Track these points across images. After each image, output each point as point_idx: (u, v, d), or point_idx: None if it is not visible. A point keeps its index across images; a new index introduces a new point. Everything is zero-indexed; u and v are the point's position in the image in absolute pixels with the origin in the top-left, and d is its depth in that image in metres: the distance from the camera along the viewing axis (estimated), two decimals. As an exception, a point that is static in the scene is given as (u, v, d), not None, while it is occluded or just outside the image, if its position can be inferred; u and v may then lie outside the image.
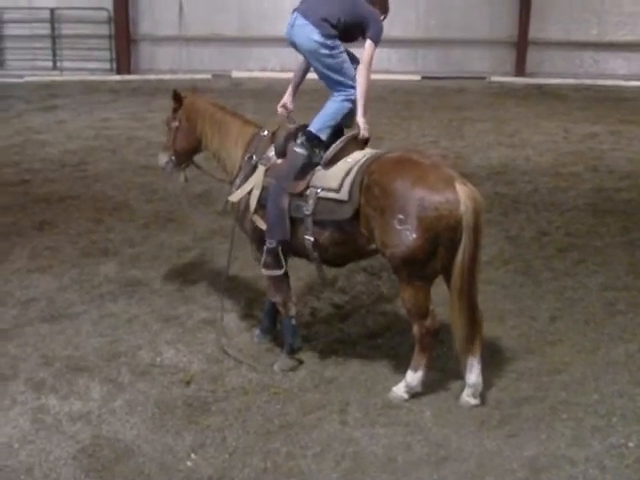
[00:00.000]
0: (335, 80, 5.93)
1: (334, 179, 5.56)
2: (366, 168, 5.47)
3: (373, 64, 5.95)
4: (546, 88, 20.07)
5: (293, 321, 6.05)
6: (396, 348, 6.18)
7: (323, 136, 5.86)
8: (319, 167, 5.73)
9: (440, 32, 21.86)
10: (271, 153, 5.93)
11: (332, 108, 5.94)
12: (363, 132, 5.88)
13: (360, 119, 5.87)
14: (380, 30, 5.92)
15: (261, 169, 5.89)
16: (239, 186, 5.97)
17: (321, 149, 5.80)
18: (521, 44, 21.64)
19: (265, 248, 5.82)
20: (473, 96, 18.82)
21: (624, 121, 15.48)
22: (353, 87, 5.89)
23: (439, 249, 5.18)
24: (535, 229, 9.14)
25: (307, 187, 5.66)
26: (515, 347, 6.28)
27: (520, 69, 21.69)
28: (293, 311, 6.06)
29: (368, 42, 5.90)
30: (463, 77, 21.05)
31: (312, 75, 6.19)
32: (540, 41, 21.64)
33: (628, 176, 11.47)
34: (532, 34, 21.61)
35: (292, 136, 5.95)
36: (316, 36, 5.86)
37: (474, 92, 19.36)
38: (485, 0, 21.77)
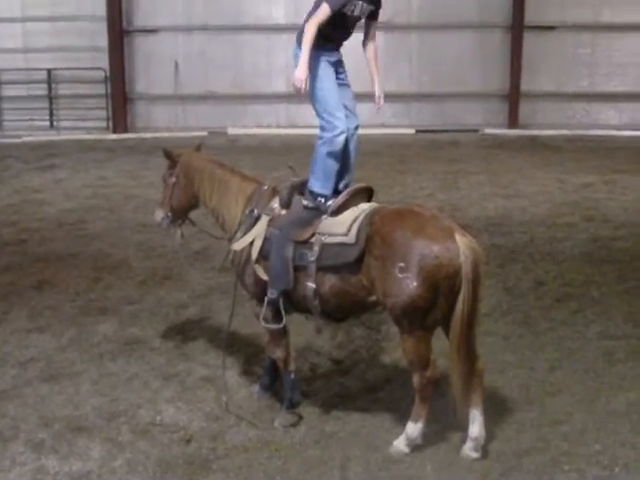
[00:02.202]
0: (315, 109, 5.99)
1: (342, 225, 5.60)
2: (369, 219, 5.52)
3: (368, 119, 5.98)
4: (539, 139, 20.25)
5: (292, 376, 6.04)
6: (396, 401, 6.16)
7: (326, 191, 5.92)
8: (325, 216, 5.77)
9: (433, 86, 22.13)
10: (275, 204, 5.96)
11: (316, 159, 5.97)
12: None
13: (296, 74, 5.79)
14: None
15: (264, 219, 5.91)
16: (241, 238, 5.99)
17: (327, 198, 5.86)
18: (513, 96, 21.89)
19: (266, 300, 5.83)
20: (467, 149, 18.99)
21: (618, 170, 15.60)
22: (330, 123, 5.87)
23: (439, 299, 5.21)
24: (532, 279, 9.16)
25: (313, 235, 5.69)
26: (515, 398, 6.26)
27: (513, 121, 21.91)
28: (292, 366, 6.05)
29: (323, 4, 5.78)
30: (457, 130, 21.27)
31: (306, 130, 6.22)
32: (532, 93, 21.90)
33: (623, 225, 11.54)
34: (524, 86, 21.87)
35: (297, 188, 6.01)
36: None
37: (468, 145, 19.54)
38: (477, 54, 22.06)
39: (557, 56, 21.84)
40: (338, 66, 6.06)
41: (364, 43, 6.29)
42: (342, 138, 5.91)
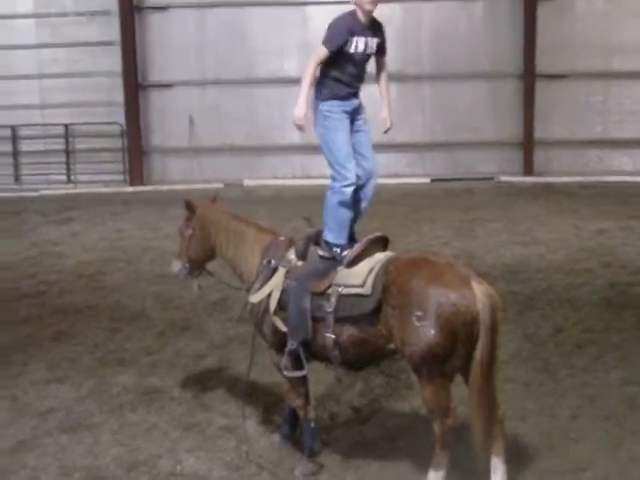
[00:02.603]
0: (327, 159, 6.03)
1: (358, 276, 5.61)
2: (385, 269, 5.53)
3: (382, 169, 6.01)
4: (554, 186, 20.27)
5: (312, 424, 6.03)
6: (417, 450, 6.09)
7: (341, 241, 5.95)
8: (341, 267, 5.79)
9: (447, 135, 22.24)
10: (291, 256, 5.99)
11: (327, 209, 6.00)
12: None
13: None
14: (326, 32, 5.91)
15: (281, 271, 5.94)
16: (258, 289, 6.02)
17: (343, 249, 5.88)
18: (527, 144, 21.95)
19: (286, 350, 5.83)
20: (482, 196, 19.02)
21: (633, 216, 15.57)
22: (340, 174, 5.92)
23: (457, 346, 5.20)
24: (552, 326, 9.12)
25: (329, 286, 5.70)
26: (537, 445, 6.21)
27: (528, 169, 21.94)
28: (312, 414, 6.05)
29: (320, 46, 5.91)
30: (472, 178, 21.32)
31: (321, 181, 6.25)
32: (546, 141, 21.97)
33: (640, 270, 11.51)
34: (537, 134, 21.94)
35: (312, 239, 6.04)
36: (313, 100, 5.99)
37: (483, 192, 19.57)
38: (489, 103, 22.19)
39: (569, 104, 21.93)
40: (356, 113, 6.07)
41: (377, 75, 6.31)
42: (351, 189, 5.94)
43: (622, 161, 22.02)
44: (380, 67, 6.27)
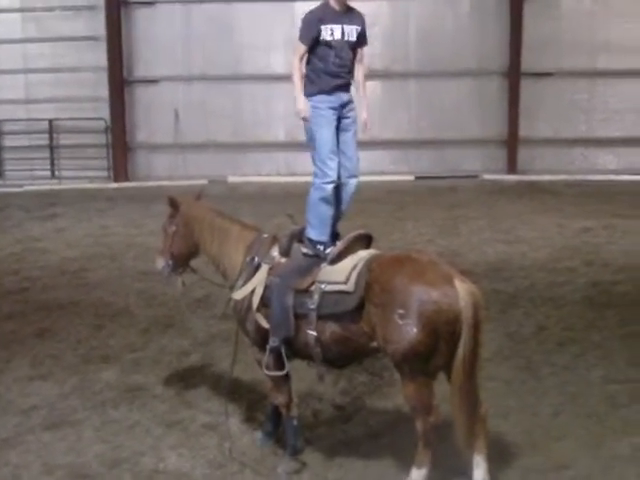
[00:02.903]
0: (311, 155, 6.09)
1: (341, 273, 5.63)
2: (368, 266, 5.54)
3: (367, 166, 6.04)
4: (538, 185, 20.34)
5: (295, 422, 6.05)
6: (400, 447, 6.10)
7: (323, 238, 5.97)
8: (324, 264, 5.80)
9: (432, 133, 22.27)
10: (275, 253, 6.01)
11: (310, 206, 6.06)
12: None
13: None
14: (299, 27, 6.06)
15: (264, 268, 5.95)
16: (241, 286, 6.02)
17: (326, 246, 5.89)
18: (512, 142, 22.01)
19: (268, 347, 5.84)
20: (467, 194, 19.06)
21: (617, 215, 15.64)
22: (322, 171, 5.98)
23: (440, 344, 5.22)
24: (534, 324, 9.16)
25: (312, 283, 5.72)
26: (519, 443, 6.24)
27: (512, 167, 22.01)
28: (295, 412, 6.07)
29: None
30: (456, 176, 21.36)
31: (305, 178, 6.25)
32: (530, 139, 22.03)
33: (623, 269, 11.55)
34: (522, 132, 22.00)
35: (296, 236, 6.06)
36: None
37: (467, 190, 19.61)
38: (474, 101, 22.23)
39: (554, 102, 21.99)
40: (343, 109, 6.09)
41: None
42: (331, 186, 5.99)
43: (606, 160, 22.11)
44: (358, 59, 6.24)
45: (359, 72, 6.27)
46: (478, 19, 22.06)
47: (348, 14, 6.05)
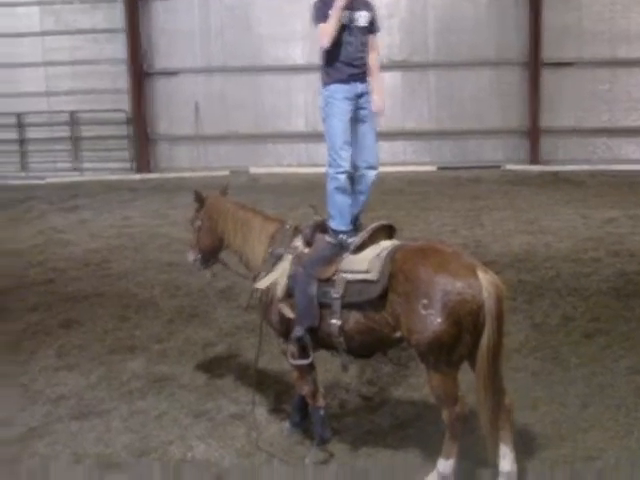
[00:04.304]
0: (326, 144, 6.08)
1: (364, 262, 5.63)
2: (391, 256, 5.54)
3: (389, 157, 6.01)
4: (561, 175, 20.22)
5: (322, 412, 6.05)
6: (427, 438, 6.12)
7: (343, 227, 5.96)
8: (347, 253, 5.80)
9: (453, 123, 22.17)
10: (298, 243, 6.02)
11: (329, 196, 6.07)
12: None
13: None
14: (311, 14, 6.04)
15: (288, 258, 5.97)
16: (265, 277, 6.03)
17: (349, 235, 5.89)
18: (533, 132, 21.88)
19: (293, 336, 5.85)
20: (489, 185, 18.98)
21: (641, 205, 15.55)
22: (335, 161, 5.98)
23: (463, 335, 5.21)
24: (560, 315, 9.11)
25: (336, 272, 5.72)
26: (548, 434, 6.22)
27: (534, 157, 21.89)
28: (322, 402, 6.07)
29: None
30: (478, 167, 21.28)
31: (324, 169, 6.22)
32: (552, 129, 21.90)
33: (649, 259, 11.49)
34: (544, 122, 21.88)
35: (319, 226, 6.06)
36: (321, 88, 6.14)
37: (490, 181, 19.53)
38: (495, 91, 22.12)
39: (576, 92, 21.85)
40: (359, 99, 6.07)
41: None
42: (344, 176, 6.01)
43: (629, 149, 21.94)
44: (370, 46, 6.23)
45: (372, 58, 6.25)
46: (497, 9, 21.94)
47: (357, 1, 6.05)
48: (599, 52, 21.63)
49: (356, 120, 6.08)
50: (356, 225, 6.10)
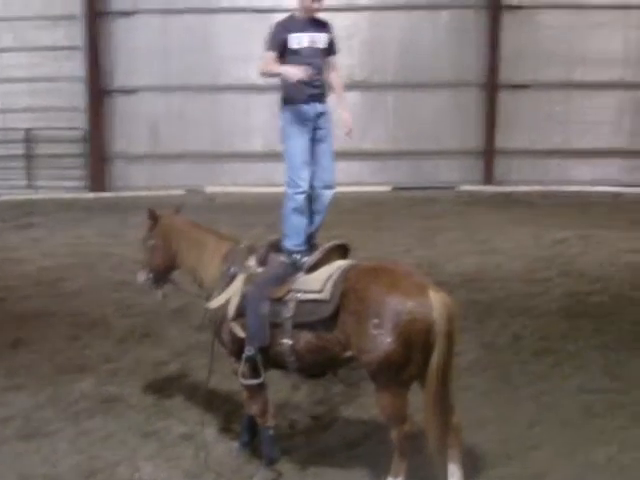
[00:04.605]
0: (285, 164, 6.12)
1: (316, 282, 5.65)
2: (344, 276, 5.56)
3: (344, 177, 6.07)
4: (514, 195, 20.43)
5: (271, 432, 6.04)
6: (376, 457, 6.14)
7: (297, 248, 5.99)
8: (300, 273, 5.82)
9: (409, 144, 22.29)
10: (251, 262, 6.02)
11: (285, 216, 6.11)
12: None
13: None
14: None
15: (240, 277, 5.96)
16: (217, 296, 6.03)
17: (303, 255, 5.91)
18: (488, 153, 22.10)
19: (244, 356, 5.84)
20: (443, 205, 19.11)
21: (592, 226, 15.73)
22: (293, 181, 6.02)
23: (414, 354, 5.24)
24: (510, 334, 9.20)
25: (288, 292, 5.73)
26: (496, 452, 6.28)
27: (488, 178, 22.08)
28: (271, 422, 6.06)
29: None
30: (433, 187, 21.41)
31: (284, 189, 6.24)
32: (507, 150, 22.11)
33: (598, 280, 11.62)
34: (499, 143, 22.09)
35: (274, 246, 6.08)
36: (280, 110, 6.19)
37: (444, 201, 19.66)
38: (452, 112, 22.29)
39: (531, 114, 22.09)
40: (318, 119, 6.12)
41: (326, 75, 6.36)
42: (303, 197, 6.05)
43: (582, 171, 22.19)
44: (330, 66, 6.31)
45: (334, 77, 6.33)
46: (456, 31, 22.15)
47: (314, 23, 6.13)
48: (555, 74, 21.93)
49: (314, 140, 6.12)
50: (311, 244, 6.12)
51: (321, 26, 6.18)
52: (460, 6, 22.12)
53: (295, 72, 5.87)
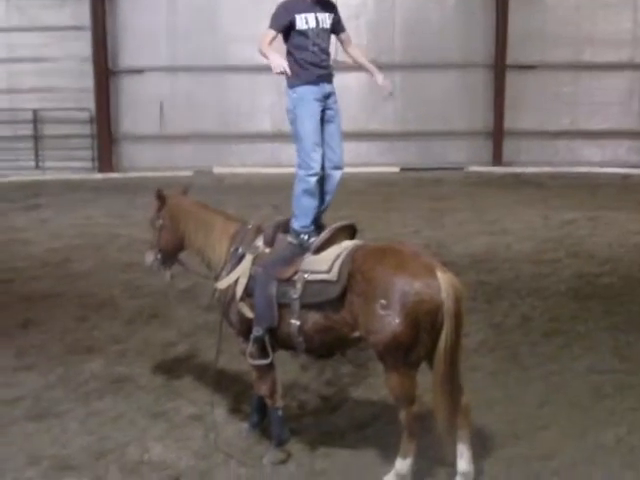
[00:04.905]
0: (296, 146, 6.07)
1: (324, 263, 5.63)
2: (351, 256, 5.55)
3: (353, 158, 6.05)
4: (523, 176, 20.40)
5: (280, 412, 6.04)
6: (385, 438, 6.14)
7: (305, 229, 5.97)
8: (308, 254, 5.80)
9: (418, 125, 22.26)
10: (259, 243, 6.00)
11: (295, 197, 6.06)
12: None
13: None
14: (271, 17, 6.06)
15: (249, 258, 5.94)
16: (225, 276, 6.02)
17: (310, 236, 5.89)
18: (497, 134, 22.07)
19: (252, 336, 5.84)
20: (452, 186, 19.09)
21: (601, 207, 15.72)
22: (305, 162, 5.97)
23: (421, 335, 5.22)
24: (519, 315, 9.19)
25: (296, 272, 5.72)
26: (504, 433, 6.27)
27: (497, 159, 22.06)
28: (280, 402, 6.06)
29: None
30: (442, 168, 21.38)
31: (291, 169, 6.22)
32: (515, 131, 22.09)
33: (607, 261, 11.61)
34: (507, 124, 22.05)
35: (281, 226, 6.06)
36: (287, 89, 6.11)
37: (453, 182, 19.64)
38: (460, 93, 22.25)
39: (539, 95, 22.06)
40: (327, 99, 6.09)
41: (346, 52, 6.43)
42: (315, 178, 5.99)
43: (591, 152, 22.18)
44: (346, 43, 6.36)
45: (354, 50, 6.40)
46: (464, 11, 22.09)
47: (320, 3, 6.08)
48: (563, 55, 21.88)
49: (323, 121, 6.09)
50: (318, 225, 6.10)
51: (327, 6, 6.14)
52: (468, -14, 22.03)
53: (278, 64, 5.83)
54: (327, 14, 6.09)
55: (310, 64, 5.98)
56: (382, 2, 22.03)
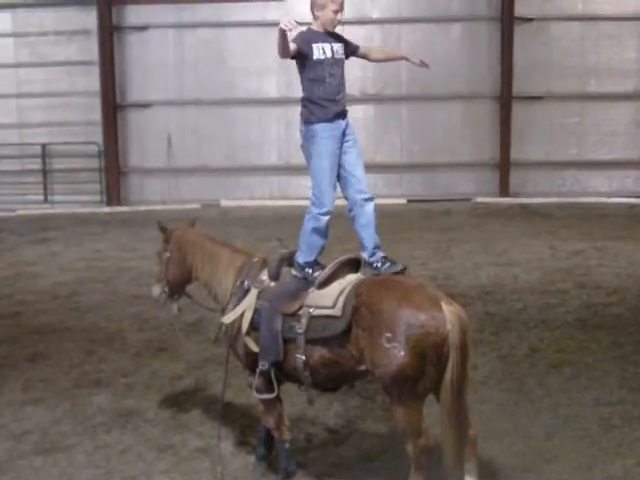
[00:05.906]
0: (311, 182, 6.05)
1: (328, 298, 5.62)
2: (355, 290, 5.55)
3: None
4: (530, 207, 20.42)
5: (287, 445, 6.02)
6: (393, 471, 6.11)
7: (309, 264, 5.96)
8: (312, 288, 5.81)
9: (424, 156, 22.37)
10: (264, 277, 6.01)
11: (303, 232, 6.04)
12: None
13: None
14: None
15: (254, 292, 5.95)
16: (231, 310, 6.03)
17: (315, 270, 5.90)
18: (504, 165, 22.12)
19: (258, 371, 5.84)
20: (459, 217, 19.11)
21: (609, 237, 15.71)
22: (319, 200, 5.94)
23: (427, 367, 5.21)
24: (527, 347, 9.16)
25: (301, 307, 5.72)
26: (513, 465, 6.22)
27: (504, 190, 22.10)
28: (287, 435, 6.05)
29: None
30: (449, 199, 21.43)
31: (298, 202, 6.25)
32: (522, 162, 22.15)
33: (615, 291, 11.57)
34: (514, 155, 22.12)
35: (286, 260, 6.07)
36: (301, 125, 6.10)
37: (460, 213, 19.66)
38: (467, 124, 22.35)
39: (546, 125, 22.16)
40: (344, 134, 6.04)
41: (371, 59, 6.47)
42: (327, 218, 5.97)
43: (598, 182, 22.22)
44: (368, 54, 6.38)
45: (377, 50, 6.57)
46: (469, 43, 22.24)
47: (331, 35, 6.10)
48: (569, 86, 21.99)
49: (342, 152, 6.04)
50: (385, 257, 6.15)
51: (337, 37, 6.18)
52: (472, 18, 22.21)
53: (288, 21, 5.54)
54: (339, 44, 6.10)
55: (325, 100, 5.94)
56: (388, 35, 22.20)
